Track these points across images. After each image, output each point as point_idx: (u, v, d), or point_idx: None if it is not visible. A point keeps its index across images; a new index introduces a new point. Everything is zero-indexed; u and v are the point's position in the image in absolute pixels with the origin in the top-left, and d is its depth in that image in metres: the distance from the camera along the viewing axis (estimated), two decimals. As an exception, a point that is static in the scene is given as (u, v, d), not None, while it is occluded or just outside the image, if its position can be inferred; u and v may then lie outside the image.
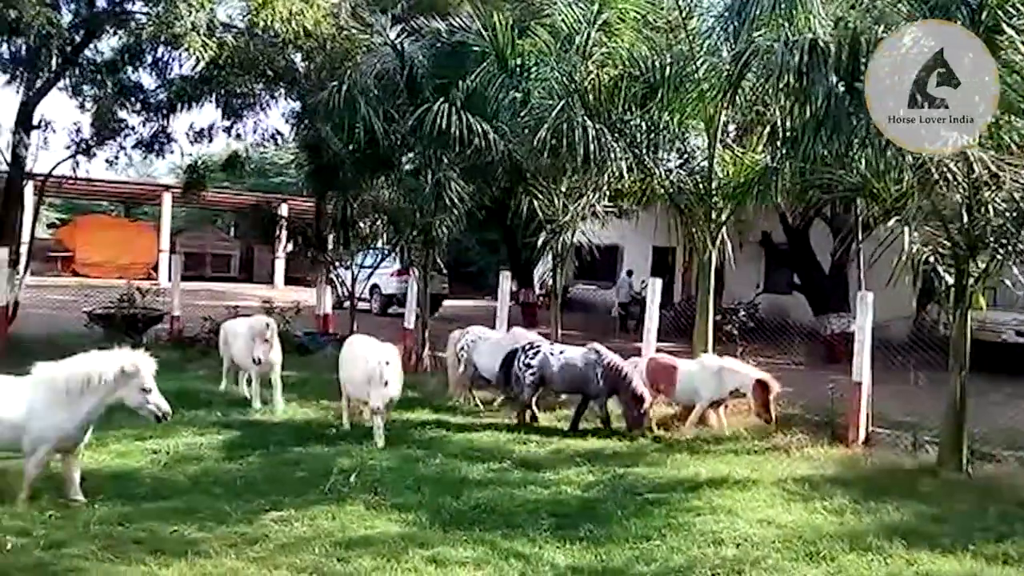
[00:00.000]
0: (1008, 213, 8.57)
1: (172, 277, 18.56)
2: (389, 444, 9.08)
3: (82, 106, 15.35)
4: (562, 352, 10.82)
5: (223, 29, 14.66)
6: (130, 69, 15.50)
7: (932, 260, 8.97)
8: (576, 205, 13.50)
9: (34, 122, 15.12)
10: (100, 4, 14.83)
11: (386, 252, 18.35)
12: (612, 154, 11.50)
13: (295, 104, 17.17)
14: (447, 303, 24.00)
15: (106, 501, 6.86)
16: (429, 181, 13.51)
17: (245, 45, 14.81)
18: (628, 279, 23.56)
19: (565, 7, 12.15)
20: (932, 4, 8.63)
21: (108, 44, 15.34)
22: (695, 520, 7.10)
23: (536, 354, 10.76)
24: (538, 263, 20.25)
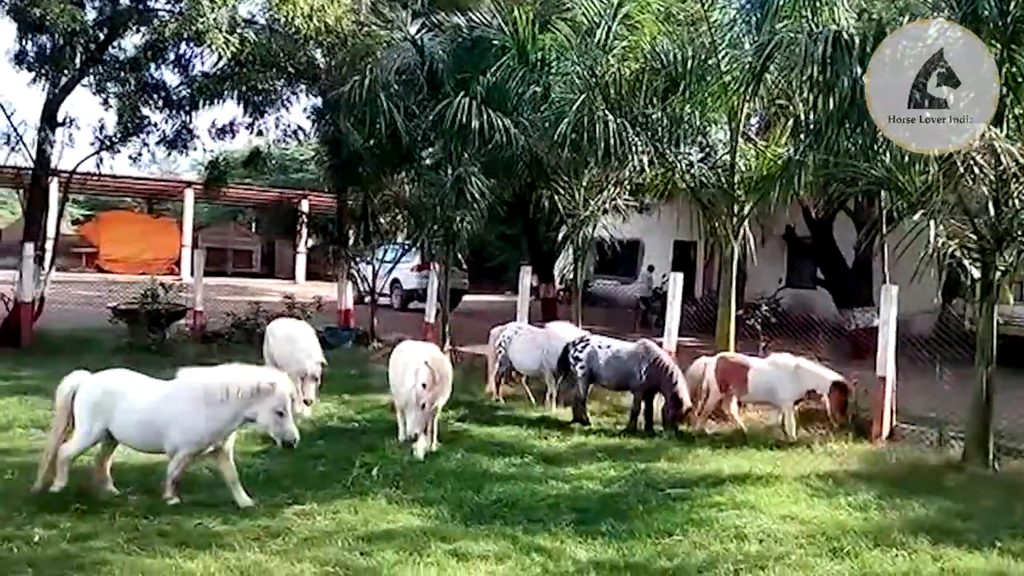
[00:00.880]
0: (1036, 206, 8.46)
1: (195, 272, 18.67)
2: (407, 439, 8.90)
3: (106, 103, 15.42)
4: (609, 346, 10.79)
5: (245, 25, 14.74)
6: (153, 66, 15.56)
7: (958, 254, 8.88)
8: (597, 199, 13.49)
9: (59, 119, 15.25)
10: (124, 1, 14.91)
11: (407, 247, 18.36)
12: (633, 148, 11.49)
13: (316, 100, 17.21)
14: (466, 298, 24.00)
15: (132, 494, 6.93)
16: (450, 176, 13.51)
17: (267, 41, 14.92)
18: (649, 274, 23.51)
19: (586, 1, 12.11)
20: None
21: (131, 41, 15.42)
22: (717, 515, 7.06)
23: (585, 347, 10.77)
24: (559, 258, 20.20)
